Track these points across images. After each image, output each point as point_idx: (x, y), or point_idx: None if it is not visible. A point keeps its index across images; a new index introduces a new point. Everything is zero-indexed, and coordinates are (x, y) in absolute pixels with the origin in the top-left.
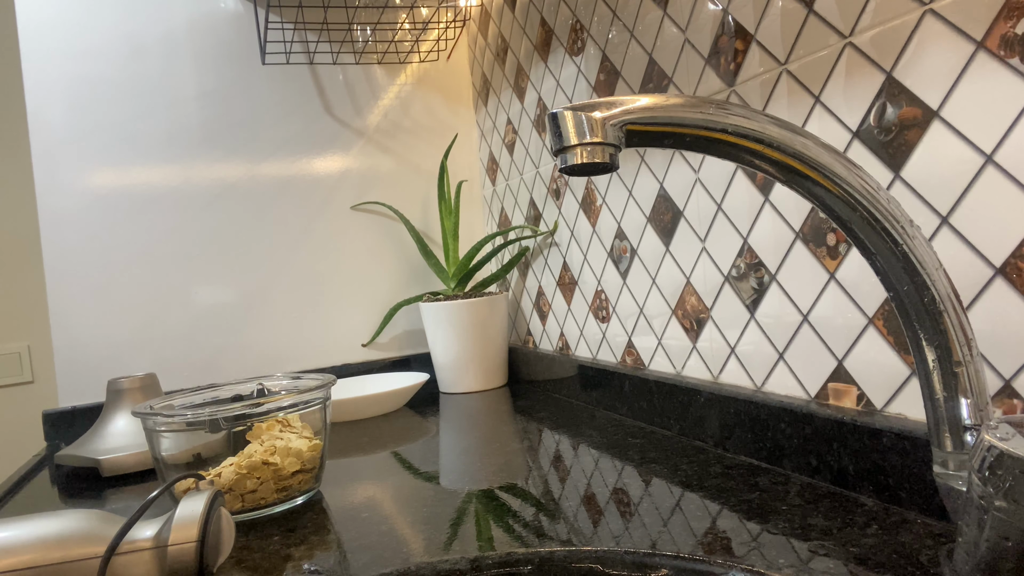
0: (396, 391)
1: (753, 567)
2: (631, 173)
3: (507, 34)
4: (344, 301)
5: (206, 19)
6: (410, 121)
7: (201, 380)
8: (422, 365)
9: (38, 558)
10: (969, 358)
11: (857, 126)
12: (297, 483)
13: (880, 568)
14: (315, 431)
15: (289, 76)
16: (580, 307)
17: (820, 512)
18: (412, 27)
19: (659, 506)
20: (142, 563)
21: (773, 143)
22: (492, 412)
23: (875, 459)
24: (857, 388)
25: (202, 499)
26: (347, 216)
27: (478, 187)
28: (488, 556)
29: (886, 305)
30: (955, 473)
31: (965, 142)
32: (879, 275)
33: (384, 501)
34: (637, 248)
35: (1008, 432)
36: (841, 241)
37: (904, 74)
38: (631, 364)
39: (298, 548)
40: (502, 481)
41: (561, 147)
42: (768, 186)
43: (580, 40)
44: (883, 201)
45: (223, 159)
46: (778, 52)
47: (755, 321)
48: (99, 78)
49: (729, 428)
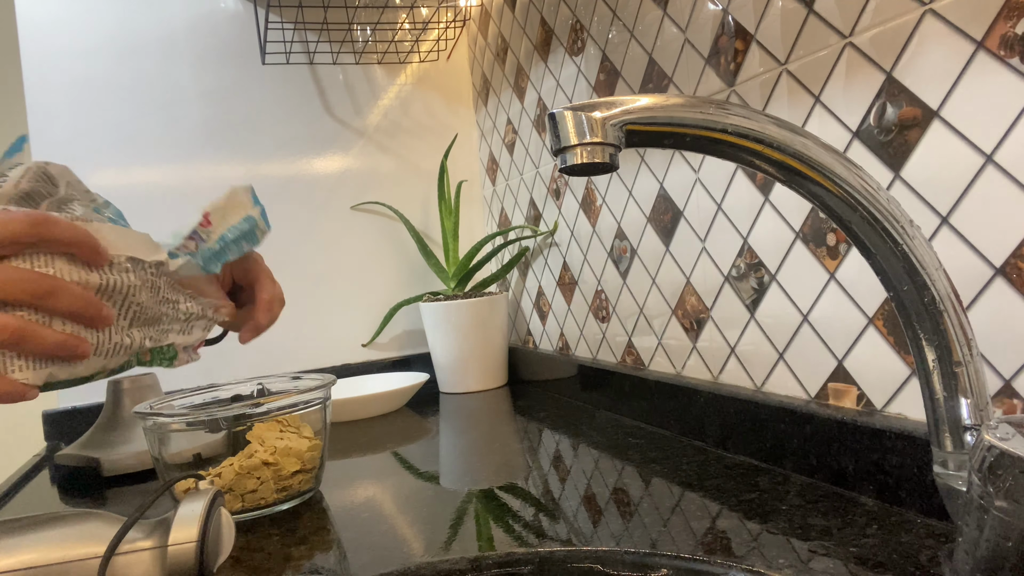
0: (396, 391)
1: (753, 567)
2: (631, 173)
3: (507, 34)
4: (344, 301)
5: (206, 19)
6: (410, 121)
7: (201, 380)
8: (422, 365)
9: (38, 558)
10: (969, 358)
11: (857, 126)
12: (297, 483)
13: (880, 568)
14: (315, 431)
15: (289, 76)
16: (580, 307)
17: (820, 512)
18: (412, 27)
19: (659, 506)
20: (142, 563)
21: (773, 143)
22: (492, 412)
23: (875, 459)
24: (857, 388)
25: (202, 499)
26: (347, 216)
27: (478, 187)
28: (488, 556)
29: (886, 305)
30: (955, 473)
31: (965, 142)
32: (879, 275)
33: (384, 501)
34: (637, 248)
35: (1008, 432)
36: (841, 241)
37: (904, 74)
38: (631, 364)
39: (298, 548)
40: (502, 481)
41: (561, 147)
42: (768, 186)
43: (580, 40)
44: (883, 201)
45: (223, 159)
46: (778, 52)
47: (755, 321)
48: (99, 78)
49: (729, 428)
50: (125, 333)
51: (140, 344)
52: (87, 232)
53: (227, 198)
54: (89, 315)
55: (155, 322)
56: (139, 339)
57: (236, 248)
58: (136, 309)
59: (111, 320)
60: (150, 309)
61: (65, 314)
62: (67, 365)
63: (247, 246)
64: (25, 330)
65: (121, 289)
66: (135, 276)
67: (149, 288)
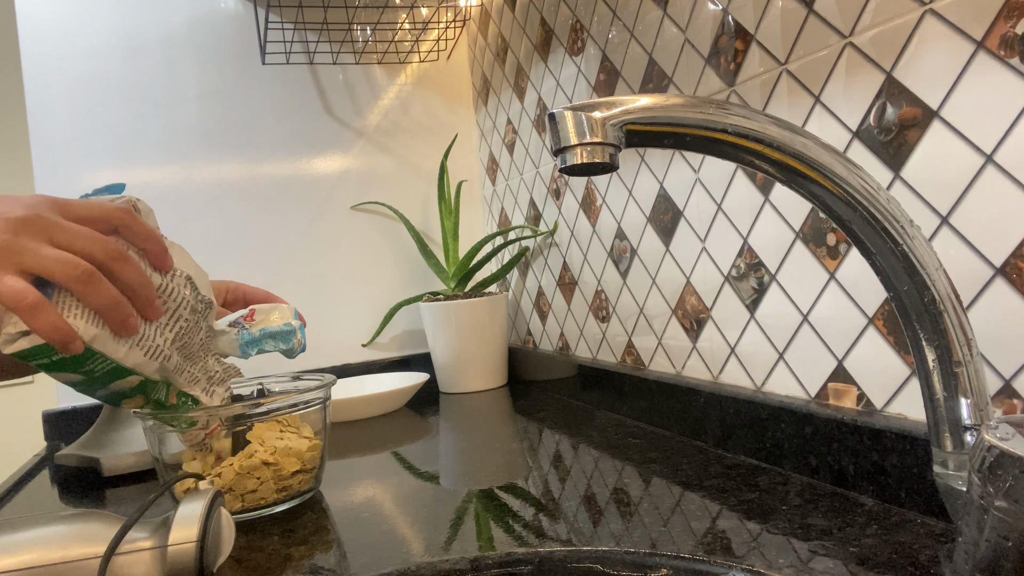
0: (396, 391)
1: (753, 567)
2: (631, 173)
3: (507, 34)
4: (344, 301)
5: (206, 19)
6: (410, 121)
7: None
8: (422, 365)
9: (38, 558)
10: (969, 358)
11: (857, 126)
12: (297, 483)
13: (880, 568)
14: (315, 431)
15: (289, 76)
16: (580, 307)
17: (820, 512)
18: (412, 27)
19: (659, 506)
20: (142, 563)
21: (773, 143)
22: (492, 412)
23: (875, 459)
24: (857, 388)
25: (202, 499)
26: (347, 216)
27: (478, 187)
28: (488, 556)
29: (886, 305)
30: (955, 473)
31: (965, 142)
32: (879, 275)
33: (384, 501)
34: (637, 248)
35: (1008, 432)
36: (841, 241)
37: (904, 74)
38: (631, 364)
39: (298, 548)
40: (502, 481)
41: (561, 147)
42: (768, 186)
43: (580, 40)
44: (883, 201)
45: (223, 159)
46: (778, 52)
47: (755, 321)
48: (99, 78)
49: (729, 428)
50: (167, 345)
51: (175, 367)
52: (160, 238)
53: (272, 306)
54: (144, 295)
55: (191, 359)
56: (175, 362)
57: (272, 343)
58: (182, 326)
59: (159, 313)
60: (191, 339)
61: (127, 282)
62: (112, 338)
63: (282, 346)
64: (95, 275)
65: (175, 297)
66: (189, 295)
67: (195, 319)
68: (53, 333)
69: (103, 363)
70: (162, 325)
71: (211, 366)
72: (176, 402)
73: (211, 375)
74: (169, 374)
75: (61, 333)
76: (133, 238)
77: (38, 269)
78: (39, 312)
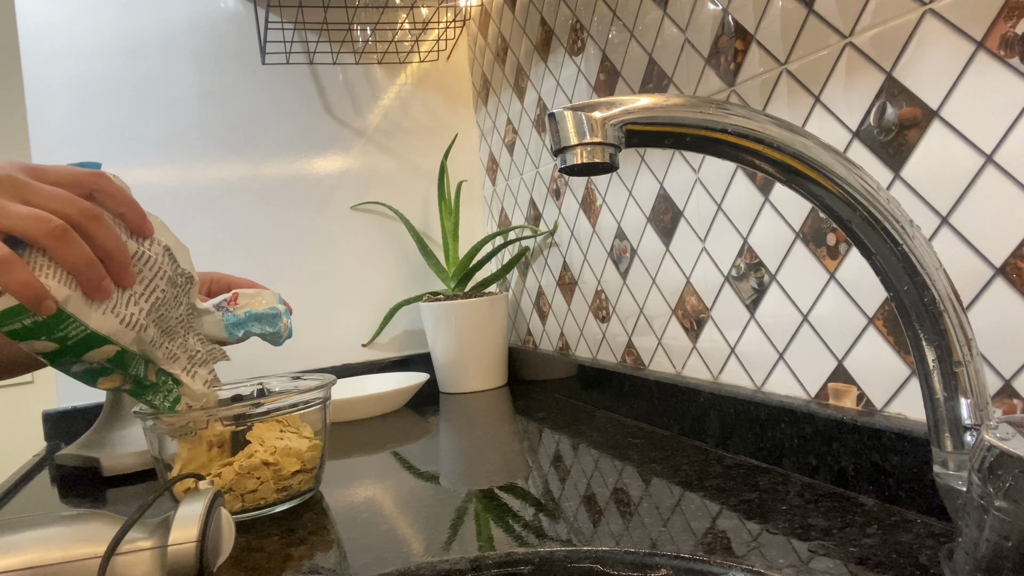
0: (396, 391)
1: (753, 567)
2: (631, 173)
3: (507, 34)
4: (344, 301)
5: (206, 19)
6: (410, 121)
7: None
8: (422, 365)
9: (38, 558)
10: (969, 358)
11: (857, 126)
12: (297, 483)
13: (880, 568)
14: (315, 431)
15: (289, 76)
16: (580, 307)
17: (820, 512)
18: (412, 27)
19: (659, 506)
20: (142, 563)
21: (773, 143)
22: (492, 412)
23: (875, 459)
24: (857, 388)
25: (202, 499)
26: (347, 216)
27: (478, 187)
28: (488, 556)
29: (886, 305)
30: (955, 473)
31: (965, 142)
32: (879, 275)
33: (384, 501)
34: (637, 248)
35: (1008, 432)
36: (841, 241)
37: (904, 74)
38: (631, 364)
39: (298, 548)
40: (502, 481)
41: (561, 147)
42: (768, 186)
43: (580, 40)
44: (883, 201)
45: (223, 159)
46: (778, 52)
47: (755, 321)
48: (99, 78)
49: (729, 428)
50: (143, 316)
51: (152, 340)
52: (139, 204)
53: (256, 292)
54: (119, 259)
55: (168, 334)
56: (152, 335)
57: (259, 325)
58: (159, 296)
59: (132, 280)
60: (168, 312)
61: (101, 244)
62: (85, 302)
63: (269, 328)
64: (68, 232)
65: (152, 266)
66: (167, 265)
67: (174, 291)
68: (24, 289)
69: (76, 329)
70: (137, 294)
71: (192, 344)
72: (156, 380)
73: (192, 354)
74: (146, 347)
75: (32, 290)
76: (109, 202)
77: (9, 226)
78: (9, 268)
